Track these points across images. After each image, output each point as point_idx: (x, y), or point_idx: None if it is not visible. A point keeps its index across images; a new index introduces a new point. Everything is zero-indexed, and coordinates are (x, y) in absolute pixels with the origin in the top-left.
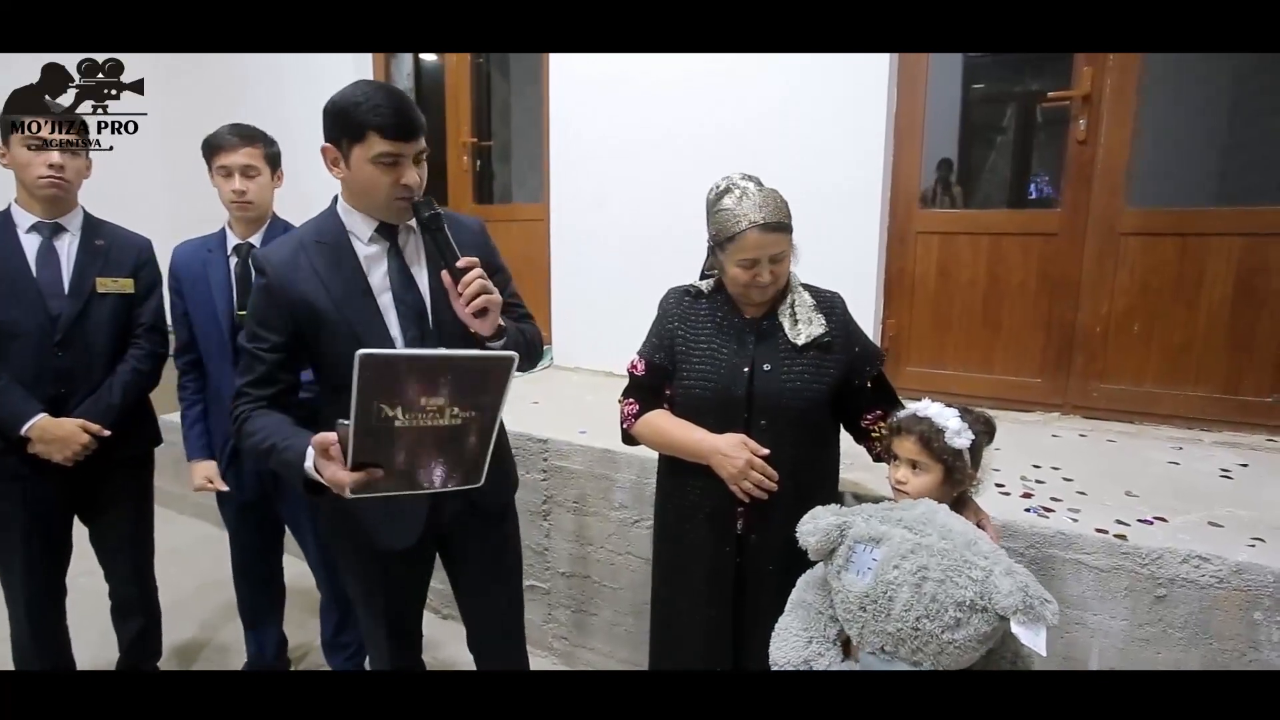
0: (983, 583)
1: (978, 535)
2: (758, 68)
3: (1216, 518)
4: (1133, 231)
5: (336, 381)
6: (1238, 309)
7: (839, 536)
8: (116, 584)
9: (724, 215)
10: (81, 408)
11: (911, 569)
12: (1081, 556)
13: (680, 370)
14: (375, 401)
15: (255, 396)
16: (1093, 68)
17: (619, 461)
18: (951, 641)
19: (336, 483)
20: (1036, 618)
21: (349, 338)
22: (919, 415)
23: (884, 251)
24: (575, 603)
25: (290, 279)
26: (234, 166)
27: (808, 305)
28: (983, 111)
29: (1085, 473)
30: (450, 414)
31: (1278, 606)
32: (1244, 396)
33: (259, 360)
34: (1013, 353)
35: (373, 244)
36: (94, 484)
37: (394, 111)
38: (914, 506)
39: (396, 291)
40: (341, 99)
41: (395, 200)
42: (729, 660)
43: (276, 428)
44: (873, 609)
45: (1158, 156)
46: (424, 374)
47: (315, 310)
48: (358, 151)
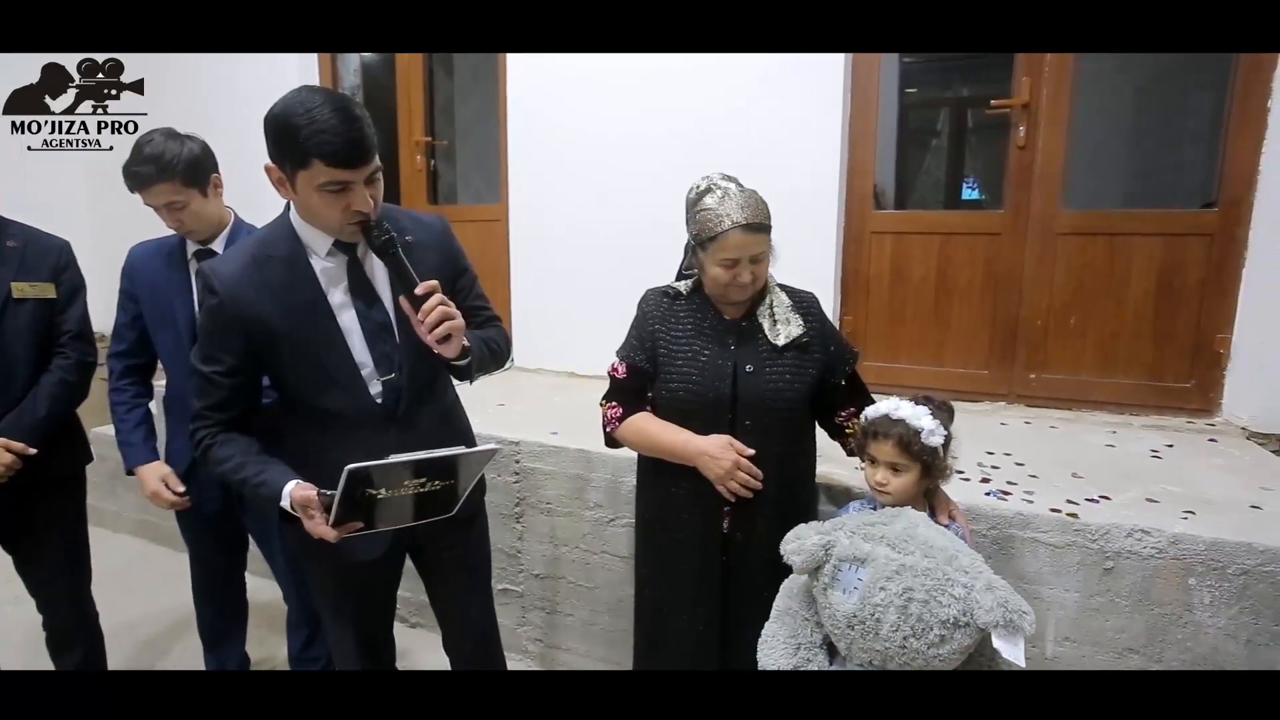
0: (965, 600)
1: (958, 548)
2: (716, 69)
3: (1152, 494)
4: (1068, 231)
5: (294, 396)
6: (1159, 303)
7: (824, 555)
8: (50, 614)
9: (706, 215)
10: (2, 425)
11: (897, 590)
12: (1038, 535)
13: (663, 372)
14: (361, 490)
15: (215, 420)
16: (1031, 77)
17: (593, 461)
18: (937, 656)
19: (318, 535)
20: (1015, 630)
21: (310, 359)
22: (892, 418)
23: (841, 252)
24: (549, 604)
25: (242, 299)
26: (156, 205)
27: (785, 306)
28: (917, 116)
29: (1034, 457)
30: (431, 485)
31: (1208, 572)
32: (1166, 383)
33: (214, 385)
34: (961, 346)
35: (330, 258)
36: (20, 509)
37: (341, 136)
38: (895, 519)
39: (359, 309)
40: (284, 115)
41: (347, 225)
42: (716, 658)
43: (244, 456)
44: (860, 629)
45: (1080, 162)
46: (413, 471)
47: (272, 331)
48: (303, 177)
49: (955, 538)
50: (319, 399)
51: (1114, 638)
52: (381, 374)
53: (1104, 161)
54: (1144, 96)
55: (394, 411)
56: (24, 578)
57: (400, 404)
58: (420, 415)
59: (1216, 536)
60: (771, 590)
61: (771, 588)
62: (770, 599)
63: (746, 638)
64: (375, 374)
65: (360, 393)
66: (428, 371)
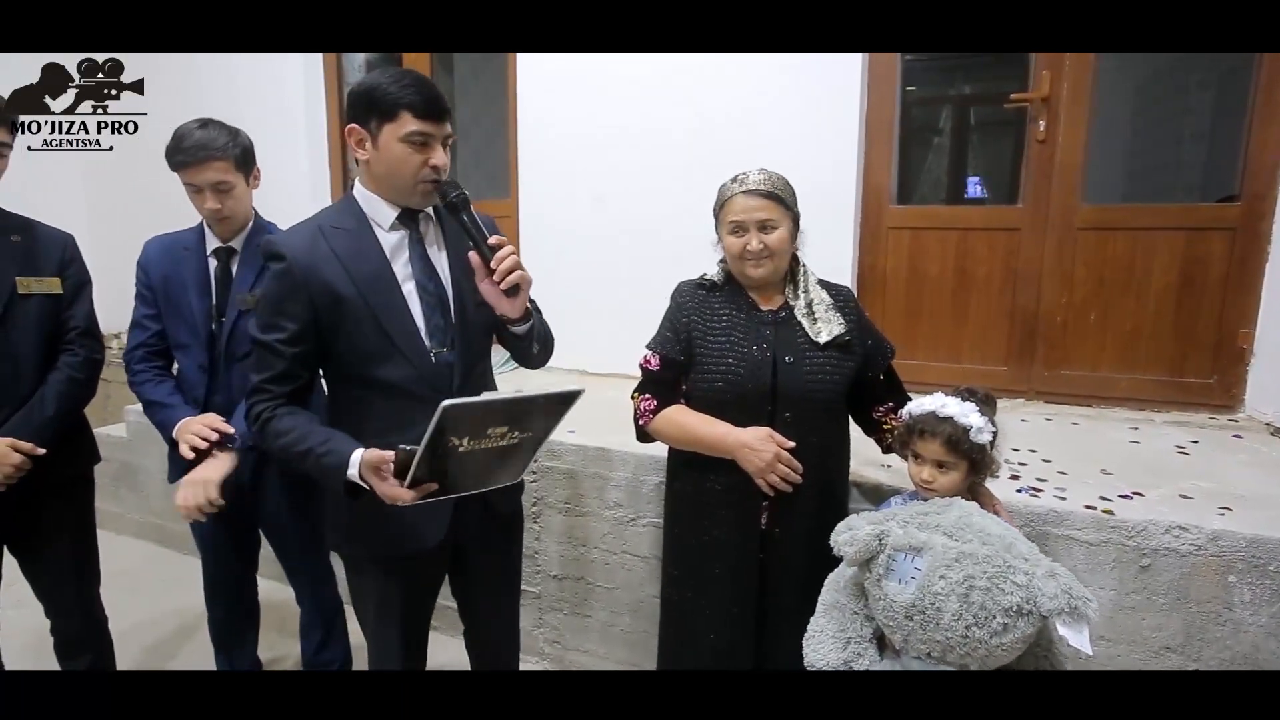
0: (1027, 587)
1: (1014, 536)
2: (733, 66)
3: (1184, 490)
4: (1088, 226)
5: (350, 369)
6: (1181, 298)
7: (877, 546)
8: (60, 619)
9: (720, 190)
10: (10, 424)
11: (958, 579)
12: (1072, 532)
13: (700, 363)
14: (448, 437)
15: (275, 394)
16: (1051, 70)
17: (613, 460)
18: (999, 645)
19: (394, 498)
20: (1080, 617)
21: (372, 326)
22: (940, 415)
23: (858, 247)
24: (567, 605)
25: (311, 264)
26: (203, 184)
27: (825, 304)
28: (919, 114)
29: (1060, 454)
30: (509, 437)
31: (1249, 569)
32: (1188, 379)
33: (276, 355)
34: (979, 342)
35: (394, 231)
36: (28, 511)
37: (427, 92)
38: (948, 509)
39: (419, 279)
40: (371, 81)
41: (421, 182)
42: (750, 658)
43: (308, 430)
44: (919, 619)
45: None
46: (502, 415)
47: (338, 296)
48: (388, 130)
49: (1010, 526)
50: (376, 369)
51: (1151, 636)
52: (434, 347)
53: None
54: (1143, 95)
55: (447, 388)
56: (31, 581)
57: (453, 379)
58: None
59: (1256, 533)
60: (809, 588)
61: (808, 585)
62: (807, 597)
63: (784, 638)
64: (430, 346)
65: (421, 362)
66: (479, 350)
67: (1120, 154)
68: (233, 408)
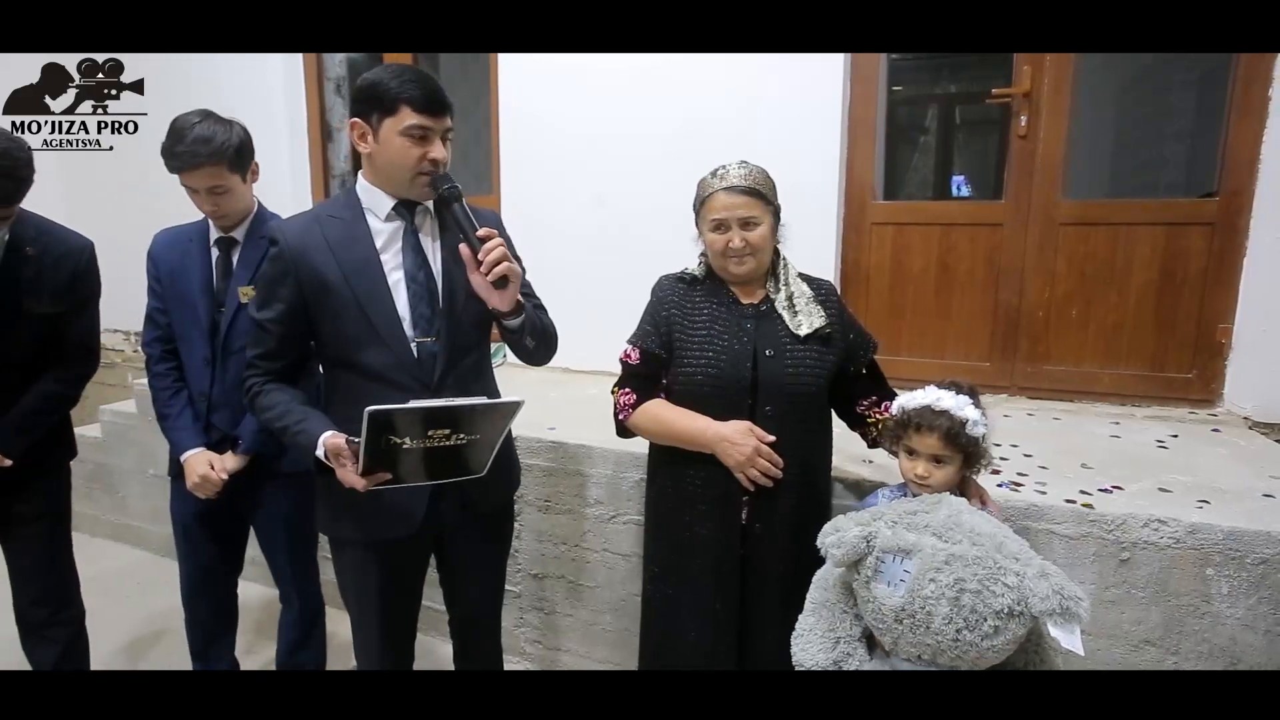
0: (1018, 589)
1: (1004, 534)
2: (718, 64)
3: (1164, 484)
4: (1069, 221)
5: (337, 353)
6: (1161, 293)
7: (866, 547)
8: (31, 605)
9: (700, 185)
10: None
11: (948, 582)
12: (1053, 526)
13: (680, 357)
14: (386, 436)
15: (265, 370)
16: (1032, 66)
17: (594, 457)
18: (991, 647)
19: (349, 484)
20: (1071, 617)
21: (355, 312)
22: (936, 409)
23: (841, 243)
24: (548, 604)
25: (301, 249)
26: (198, 188)
27: (806, 296)
28: (904, 114)
29: (1041, 449)
30: (456, 438)
31: (1226, 561)
32: (1168, 373)
33: (267, 333)
34: (963, 338)
35: (389, 221)
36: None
37: (427, 87)
38: (936, 507)
39: (409, 270)
40: (374, 76)
41: (420, 175)
42: (733, 654)
43: (288, 406)
44: (909, 622)
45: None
46: (430, 420)
47: (324, 282)
48: (389, 124)
49: (1000, 523)
50: (360, 354)
51: (1130, 630)
52: (417, 336)
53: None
54: (1128, 94)
55: (429, 378)
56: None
57: (435, 370)
58: (455, 389)
59: (1234, 525)
60: (790, 584)
61: (790, 581)
62: (789, 593)
63: (766, 634)
64: (414, 335)
65: (401, 349)
66: (466, 343)
67: (1106, 152)
68: (230, 399)
